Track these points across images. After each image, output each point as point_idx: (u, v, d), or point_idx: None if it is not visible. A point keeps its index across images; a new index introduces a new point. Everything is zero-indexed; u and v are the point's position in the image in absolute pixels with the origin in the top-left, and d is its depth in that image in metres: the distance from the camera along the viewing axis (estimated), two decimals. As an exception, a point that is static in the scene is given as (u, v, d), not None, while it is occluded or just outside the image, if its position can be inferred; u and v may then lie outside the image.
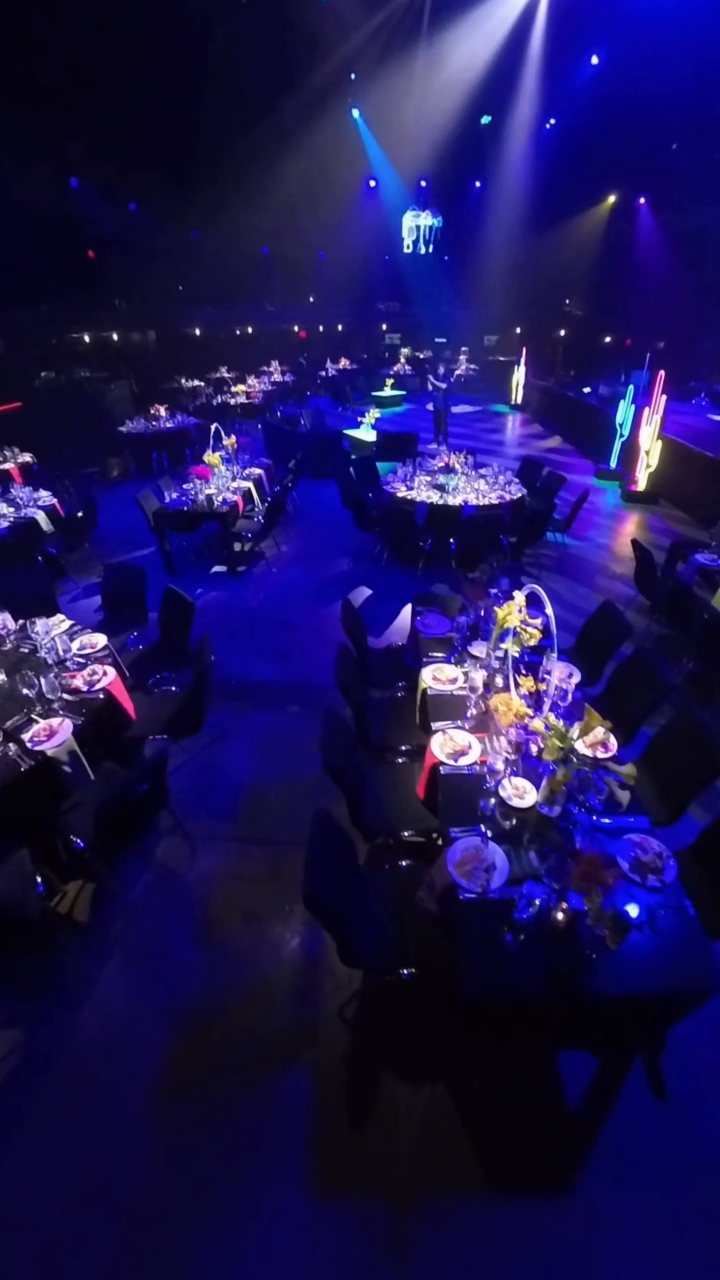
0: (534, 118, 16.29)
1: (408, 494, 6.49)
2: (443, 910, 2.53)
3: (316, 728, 4.41)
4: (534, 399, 16.48)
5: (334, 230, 20.03)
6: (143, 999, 2.86)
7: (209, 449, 7.24)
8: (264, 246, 20.56)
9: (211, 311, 20.67)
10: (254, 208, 17.46)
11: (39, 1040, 2.72)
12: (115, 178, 15.26)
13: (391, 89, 15.15)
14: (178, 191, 16.22)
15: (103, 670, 3.45)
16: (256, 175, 16.68)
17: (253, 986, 2.91)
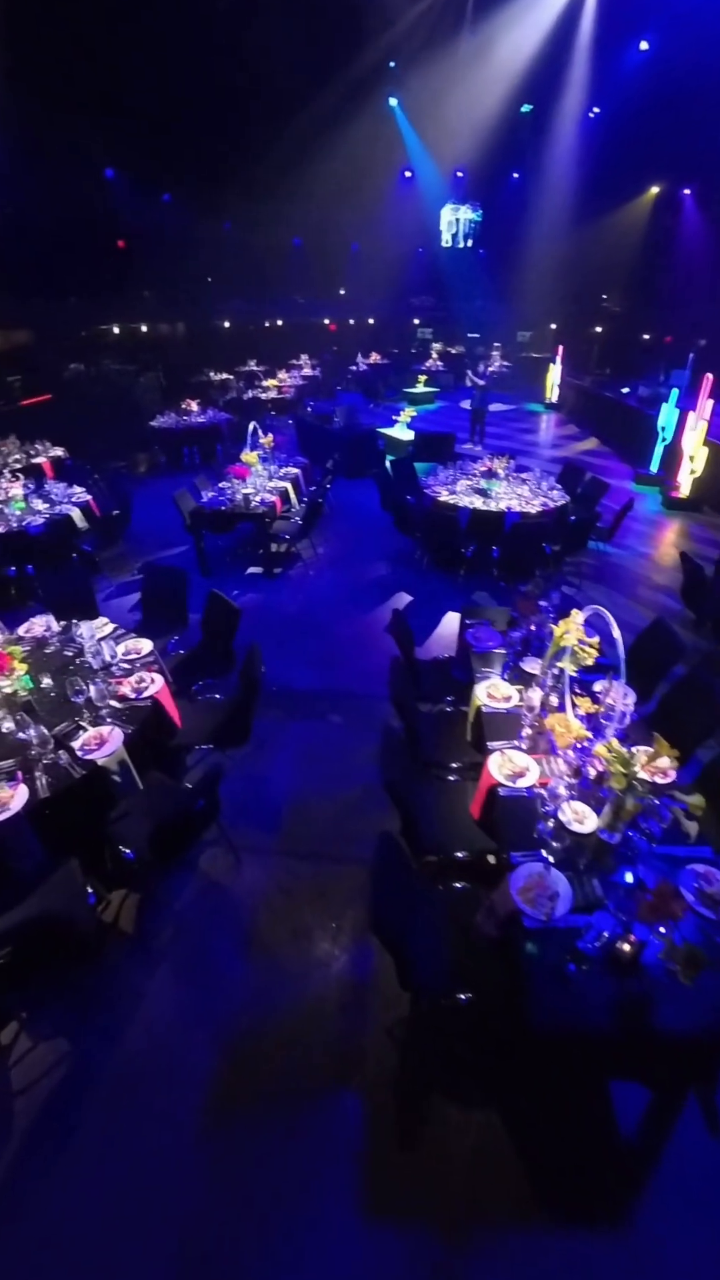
0: (577, 106, 16.15)
1: (450, 498, 6.48)
2: (503, 935, 2.54)
3: (360, 739, 4.49)
4: (570, 398, 16.35)
5: (368, 222, 20.07)
6: (191, 1013, 2.90)
7: (246, 447, 7.28)
8: (296, 238, 20.64)
9: (241, 303, 20.82)
10: (287, 199, 17.55)
11: (86, 1052, 2.76)
12: (151, 168, 15.40)
13: (432, 77, 15.09)
14: (212, 182, 16.35)
15: (150, 677, 3.50)
16: (291, 165, 16.75)
17: (301, 1003, 2.94)
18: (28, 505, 6.76)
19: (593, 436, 13.90)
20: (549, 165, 17.90)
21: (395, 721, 4.58)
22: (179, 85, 13.55)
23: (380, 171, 18.74)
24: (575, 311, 20.69)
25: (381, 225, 20.29)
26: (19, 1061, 2.74)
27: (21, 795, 2.78)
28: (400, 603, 6.27)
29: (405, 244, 21.23)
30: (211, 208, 17.50)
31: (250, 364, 18.52)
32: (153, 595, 4.83)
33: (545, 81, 15.17)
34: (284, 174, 16.80)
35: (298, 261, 21.31)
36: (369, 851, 3.61)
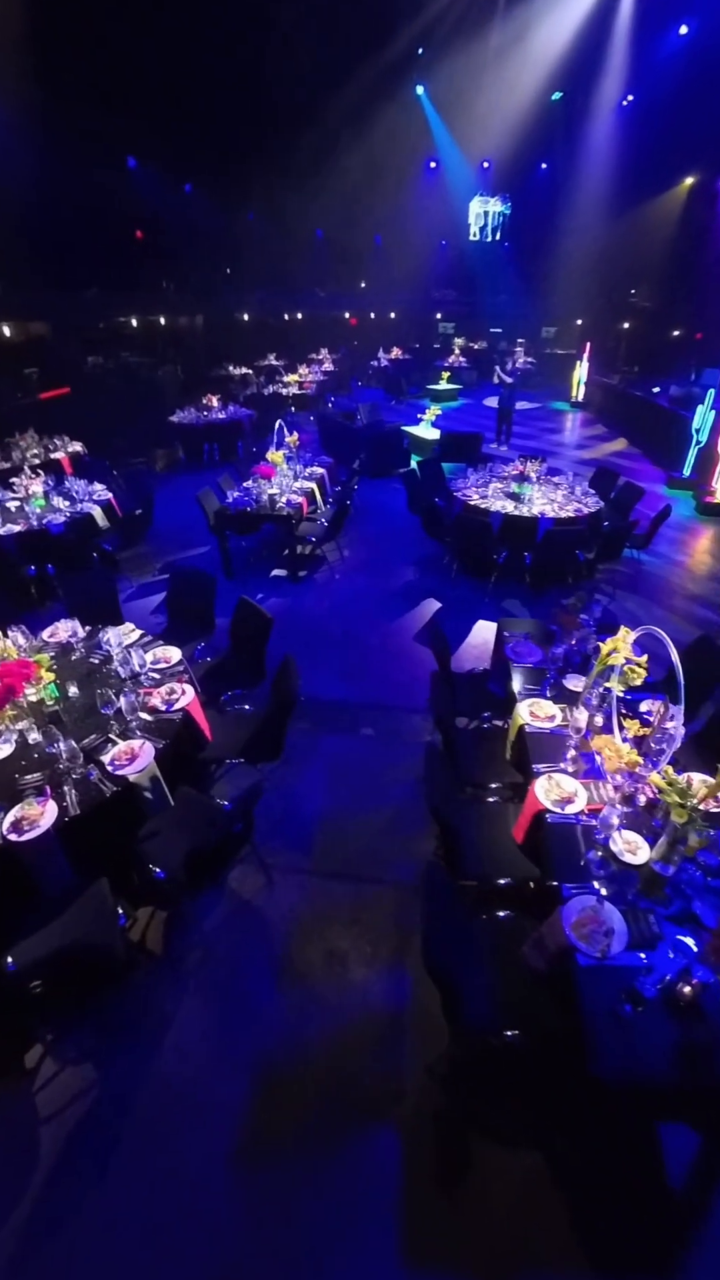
0: (610, 94, 15.92)
1: (481, 502, 6.40)
2: (552, 971, 2.47)
3: (391, 754, 4.43)
4: (597, 397, 16.18)
5: (392, 214, 19.98)
6: (222, 1040, 2.85)
7: (271, 445, 7.23)
8: (319, 229, 20.56)
9: (261, 296, 20.79)
10: (311, 189, 17.50)
11: (114, 1079, 2.72)
12: (173, 158, 15.38)
13: (462, 64, 14.92)
14: (234, 172, 16.33)
15: (180, 688, 3.45)
16: (315, 155, 16.69)
17: (336, 1033, 2.88)
18: (48, 503, 6.76)
19: (621, 437, 13.73)
20: (578, 155, 17.67)
21: (428, 736, 4.55)
22: (203, 72, 13.55)
23: (405, 162, 18.63)
24: (602, 306, 20.47)
25: (405, 217, 20.18)
26: (44, 1087, 2.70)
27: (51, 812, 2.74)
28: (429, 610, 6.20)
29: (429, 236, 21.12)
30: (233, 198, 17.48)
31: (270, 358, 18.49)
32: (179, 600, 4.79)
33: (578, 67, 14.94)
34: (308, 164, 16.74)
35: (319, 253, 21.26)
36: (404, 873, 3.59)
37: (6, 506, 6.78)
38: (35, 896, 2.79)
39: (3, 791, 2.89)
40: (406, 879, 3.55)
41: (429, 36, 14.49)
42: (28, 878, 2.75)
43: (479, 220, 15.21)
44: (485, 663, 5.29)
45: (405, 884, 3.53)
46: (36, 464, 8.61)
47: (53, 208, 13.63)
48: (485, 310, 22.30)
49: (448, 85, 15.90)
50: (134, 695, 3.25)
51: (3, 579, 6.28)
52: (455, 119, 17.42)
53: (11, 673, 3.18)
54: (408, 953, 3.19)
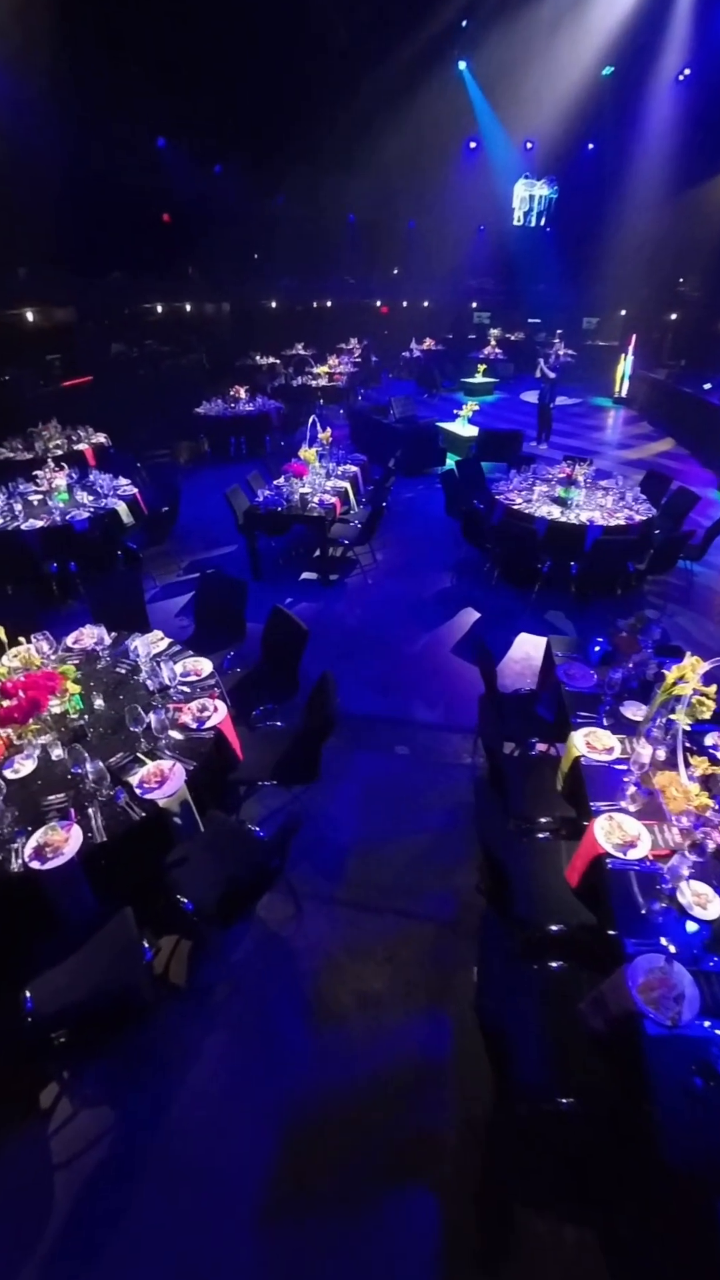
0: (667, 67, 15.45)
1: (524, 507, 6.25)
2: (613, 1034, 2.34)
3: (427, 776, 4.32)
4: (641, 393, 15.88)
5: (428, 197, 19.71)
6: (249, 1084, 2.76)
7: (304, 442, 7.14)
8: (350, 214, 20.41)
9: (289, 283, 20.69)
10: (344, 171, 17.30)
11: (134, 1122, 2.64)
12: (203, 138, 15.32)
13: (509, 37, 14.50)
14: (265, 153, 16.21)
15: (212, 705, 3.37)
16: (350, 136, 16.47)
17: (371, 1083, 2.78)
18: (71, 497, 6.73)
19: (668, 436, 13.45)
20: (628, 135, 17.17)
21: (468, 758, 4.43)
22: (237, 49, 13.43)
23: (443, 143, 18.31)
24: (648, 296, 20.05)
25: (442, 201, 19.90)
26: (60, 1130, 2.63)
27: (76, 838, 2.67)
28: (467, 620, 6.07)
29: (466, 221, 20.84)
30: (264, 180, 17.35)
31: (297, 347, 18.41)
32: (208, 605, 4.71)
33: (634, 39, 14.45)
34: (342, 145, 16.51)
35: (351, 239, 21.08)
36: (441, 908, 3.48)
37: (29, 500, 6.77)
38: (55, 925, 2.72)
39: (25, 812, 2.82)
40: (444, 915, 3.44)
41: (474, 7, 14.14)
42: (49, 906, 2.67)
43: (524, 205, 14.88)
44: (528, 680, 5.16)
45: (443, 920, 3.41)
46: (59, 455, 8.61)
47: (79, 188, 13.54)
48: (523, 299, 21.98)
49: (493, 60, 15.44)
50: (164, 712, 3.17)
51: (25, 576, 6.28)
52: (500, 96, 16.95)
53: (37, 685, 3.12)
54: (446, 996, 3.08)
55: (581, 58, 14.71)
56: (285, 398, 12.38)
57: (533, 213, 14.94)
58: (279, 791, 4.01)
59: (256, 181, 17.20)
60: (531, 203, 14.87)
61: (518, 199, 15.05)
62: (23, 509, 6.50)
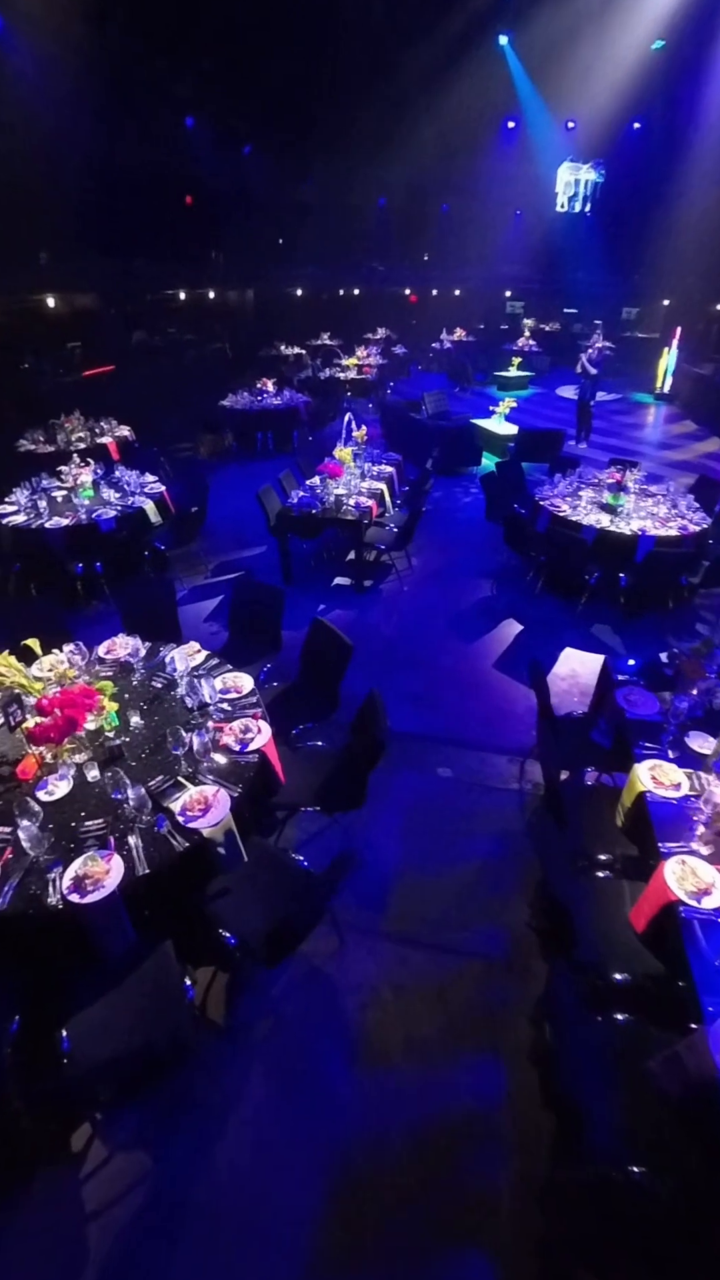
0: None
1: (571, 514, 6.13)
2: (690, 1098, 2.26)
3: (471, 800, 4.24)
4: (685, 389, 15.62)
5: (463, 180, 19.48)
6: (293, 1132, 2.70)
7: (340, 440, 7.07)
8: (382, 197, 20.27)
9: (315, 269, 20.60)
10: (377, 152, 17.13)
11: (172, 1170, 2.59)
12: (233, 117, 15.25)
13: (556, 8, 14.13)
14: (296, 134, 16.12)
15: (256, 726, 3.31)
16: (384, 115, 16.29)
17: (421, 1133, 2.71)
18: (97, 494, 6.71)
19: (715, 436, 13.22)
20: (679, 112, 16.70)
21: (515, 784, 4.34)
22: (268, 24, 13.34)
23: (481, 122, 18.04)
24: (694, 285, 19.70)
25: (477, 184, 19.67)
26: (92, 1176, 2.58)
27: (116, 870, 2.61)
28: (509, 632, 5.97)
29: (502, 206, 20.60)
30: (293, 162, 17.28)
31: (323, 337, 18.34)
32: (242, 614, 4.66)
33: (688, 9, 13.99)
34: (376, 124, 16.33)
35: (381, 223, 20.95)
36: (491, 945, 3.40)
37: (53, 496, 6.75)
38: (93, 960, 2.67)
39: (61, 839, 2.78)
40: (495, 952, 3.36)
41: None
42: (87, 941, 2.62)
43: (567, 190, 14.54)
44: (575, 698, 5.07)
45: (494, 958, 3.34)
46: (82, 448, 8.61)
47: (104, 169, 13.55)
48: (560, 288, 21.72)
49: (538, 33, 15.00)
50: (206, 734, 3.11)
51: (50, 577, 6.27)
52: (544, 72, 16.49)
53: (74, 703, 3.07)
54: (498, 1039, 3.01)
55: (632, 29, 14.25)
56: (312, 390, 12.31)
57: (577, 198, 14.55)
58: (317, 814, 3.95)
59: (285, 163, 17.14)
60: (577, 187, 14.48)
61: (561, 183, 14.71)
62: (47, 506, 6.48)
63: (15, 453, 8.87)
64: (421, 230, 21.94)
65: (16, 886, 2.58)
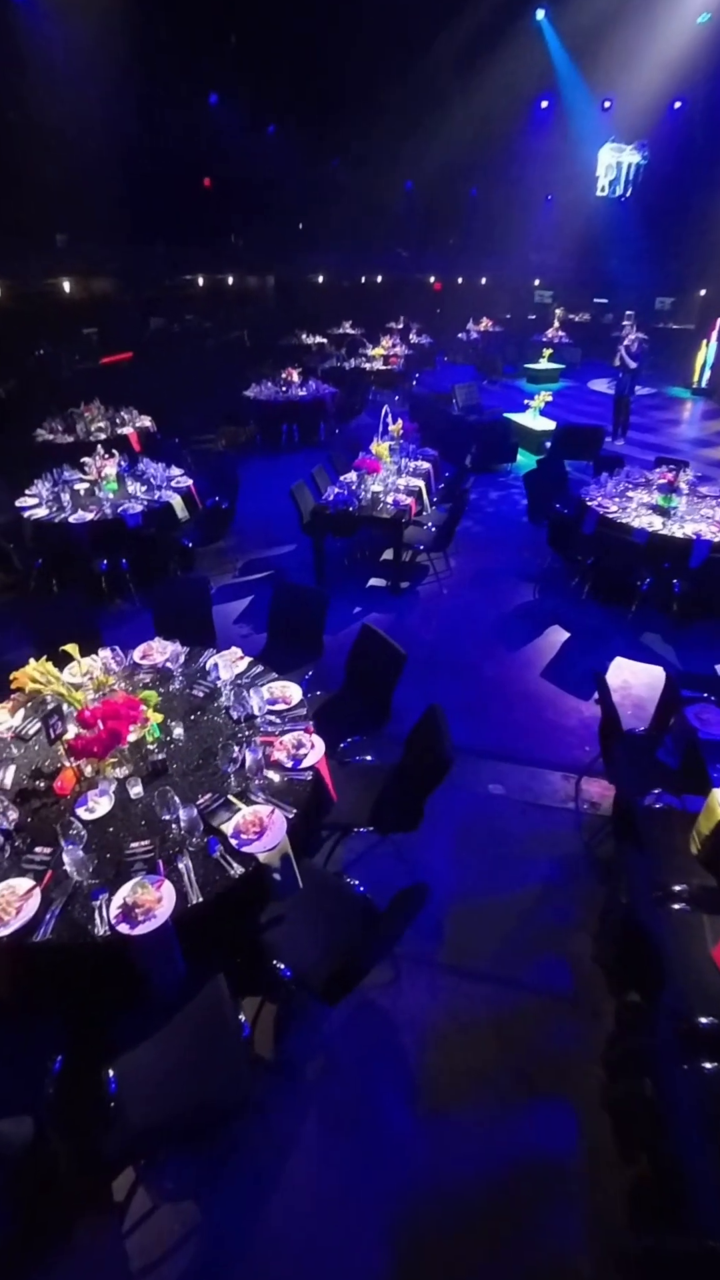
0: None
1: (620, 515, 5.97)
2: None
3: (527, 820, 4.11)
4: (724, 384, 15.36)
5: (493, 163, 19.16)
6: (351, 1181, 2.58)
7: (377, 435, 6.94)
8: (408, 181, 20.04)
9: (337, 256, 20.39)
10: (405, 133, 16.86)
11: (223, 1225, 2.47)
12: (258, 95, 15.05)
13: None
14: (322, 113, 15.91)
15: (309, 740, 3.18)
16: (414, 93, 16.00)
17: (489, 1181, 2.58)
18: (121, 487, 6.61)
19: (755, 433, 13.00)
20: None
21: (570, 803, 4.21)
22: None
23: (514, 102, 17.69)
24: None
25: (508, 167, 19.36)
26: (136, 1228, 2.45)
27: (169, 898, 2.49)
28: (555, 640, 5.83)
29: (533, 189, 20.29)
30: (319, 143, 17.05)
31: (345, 326, 18.19)
32: (282, 618, 4.53)
33: None
34: (405, 103, 16.05)
35: (406, 208, 20.69)
36: (554, 977, 3.27)
37: (75, 489, 6.65)
38: (140, 994, 2.55)
39: (106, 863, 2.66)
40: (560, 986, 3.23)
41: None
42: (132, 973, 2.50)
43: (609, 173, 14.16)
44: (628, 711, 4.92)
45: (559, 993, 3.21)
46: (103, 439, 8.51)
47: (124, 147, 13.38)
48: (591, 277, 21.41)
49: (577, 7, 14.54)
50: (259, 750, 2.99)
51: (73, 574, 6.19)
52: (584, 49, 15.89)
53: (118, 714, 2.96)
54: (567, 1082, 2.88)
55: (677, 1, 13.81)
56: (337, 381, 12.16)
57: (619, 181, 14.15)
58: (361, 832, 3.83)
59: (310, 144, 16.91)
60: (619, 170, 14.09)
61: (602, 166, 14.30)
62: (70, 499, 6.38)
63: (33, 443, 8.81)
64: (449, 215, 21.66)
65: (59, 914, 2.47)
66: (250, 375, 11.66)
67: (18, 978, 2.49)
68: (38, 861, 2.68)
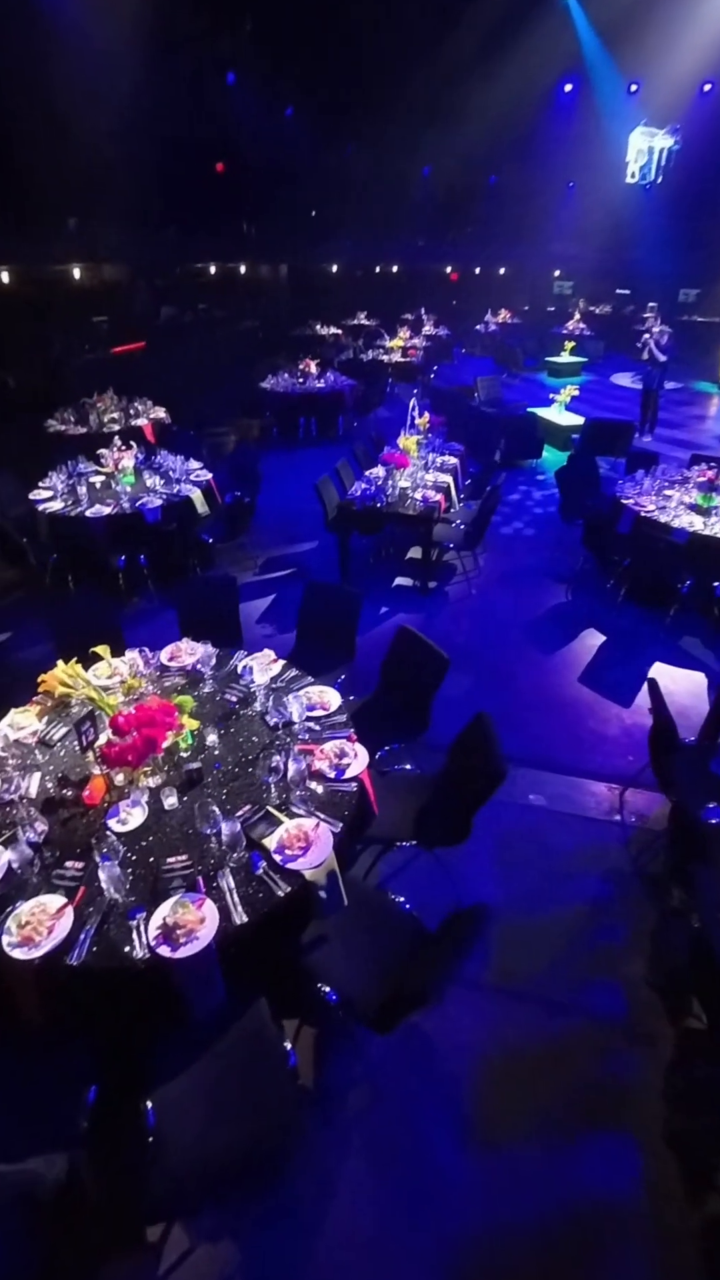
0: None
1: (659, 514, 5.84)
2: None
3: (570, 834, 3.99)
4: (753, 378, 15.17)
5: (514, 148, 18.91)
6: (400, 1223, 2.46)
7: (404, 429, 6.83)
8: (426, 167, 19.85)
9: (351, 244, 20.23)
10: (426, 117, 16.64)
11: (264, 1267, 2.35)
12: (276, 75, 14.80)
13: None
14: (340, 97, 15.71)
15: (353, 749, 3.07)
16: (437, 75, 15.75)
17: (549, 1230, 2.46)
18: (138, 480, 6.52)
19: (786, 430, 12.83)
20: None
21: (616, 816, 4.09)
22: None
23: (537, 85, 17.41)
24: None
25: (530, 153, 19.10)
26: (173, 1271, 2.34)
27: (211, 918, 2.37)
28: (590, 643, 5.70)
29: (554, 176, 20.04)
30: (335, 127, 16.84)
31: (359, 317, 18.08)
32: (312, 619, 4.43)
33: None
34: (427, 87, 15.78)
35: (425, 195, 20.45)
36: (607, 1002, 3.15)
37: (91, 482, 6.56)
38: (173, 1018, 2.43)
39: (140, 878, 2.55)
40: (614, 1011, 3.12)
41: None
42: (169, 997, 2.38)
43: (640, 158, 13.82)
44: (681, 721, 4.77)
45: (613, 1019, 3.09)
46: (117, 430, 8.42)
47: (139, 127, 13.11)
48: (615, 267, 21.16)
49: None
50: (303, 759, 2.88)
51: (89, 570, 6.10)
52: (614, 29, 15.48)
53: (153, 720, 2.85)
54: (627, 1116, 2.76)
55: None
56: (353, 373, 12.03)
57: (650, 166, 13.83)
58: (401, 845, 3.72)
59: (327, 128, 16.71)
60: (650, 155, 13.77)
61: (633, 151, 13.98)
62: (86, 492, 6.28)
63: (44, 433, 8.73)
64: (468, 203, 21.42)
65: (94, 935, 2.35)
66: (263, 366, 11.55)
67: (49, 1001, 2.39)
68: (69, 877, 2.57)
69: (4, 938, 2.32)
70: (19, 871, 2.55)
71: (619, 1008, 3.13)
